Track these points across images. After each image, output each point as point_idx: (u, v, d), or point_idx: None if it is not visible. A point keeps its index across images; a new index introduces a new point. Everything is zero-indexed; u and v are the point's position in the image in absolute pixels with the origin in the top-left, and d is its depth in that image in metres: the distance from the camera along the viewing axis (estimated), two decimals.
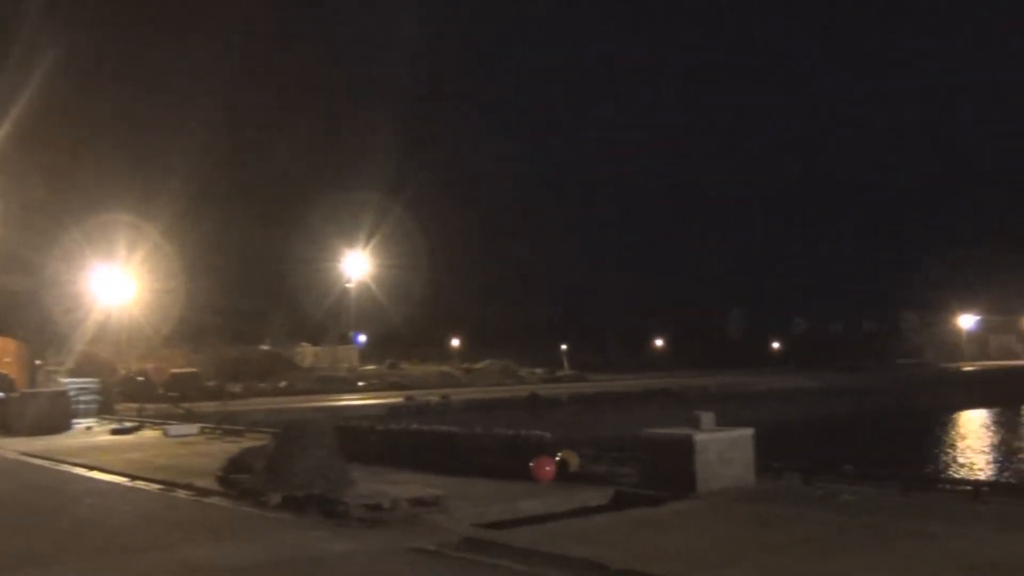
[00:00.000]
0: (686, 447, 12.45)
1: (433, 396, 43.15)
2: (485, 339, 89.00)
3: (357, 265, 68.15)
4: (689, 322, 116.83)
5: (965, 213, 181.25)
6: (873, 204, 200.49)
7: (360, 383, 56.65)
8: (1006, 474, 30.00)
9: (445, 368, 68.51)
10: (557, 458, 14.08)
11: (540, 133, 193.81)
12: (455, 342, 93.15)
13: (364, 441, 17.14)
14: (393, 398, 42.77)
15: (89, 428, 27.80)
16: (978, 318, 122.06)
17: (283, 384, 52.72)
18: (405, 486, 12.80)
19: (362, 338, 77.87)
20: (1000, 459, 34.39)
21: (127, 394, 39.48)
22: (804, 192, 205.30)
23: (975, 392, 63.97)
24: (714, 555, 8.75)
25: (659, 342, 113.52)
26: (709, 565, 8.34)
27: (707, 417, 13.02)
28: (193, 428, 25.02)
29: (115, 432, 25.56)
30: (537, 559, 8.82)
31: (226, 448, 18.79)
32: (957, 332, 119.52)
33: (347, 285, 68.00)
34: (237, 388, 45.50)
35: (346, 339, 72.63)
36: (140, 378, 42.55)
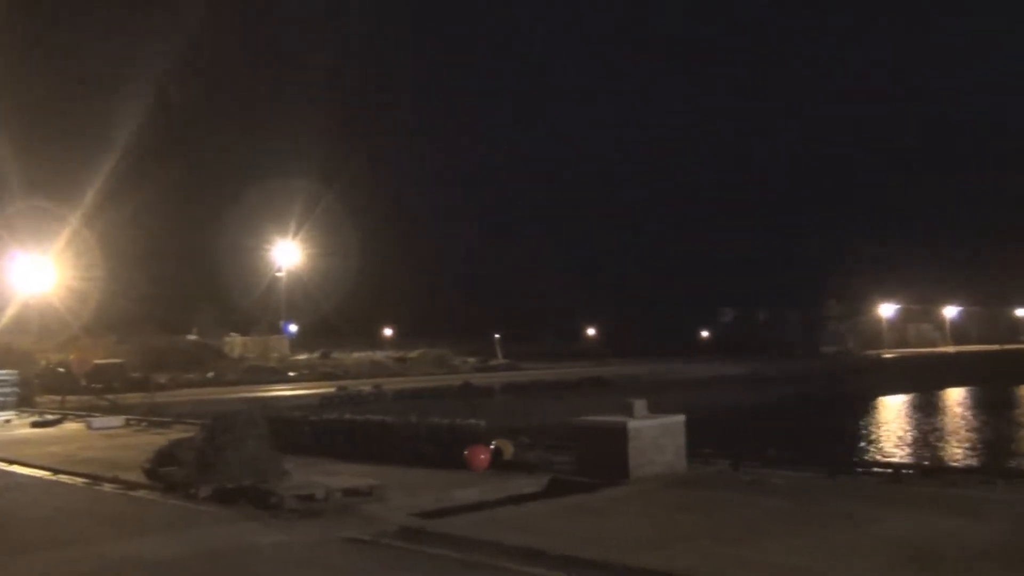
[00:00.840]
0: (620, 434, 12.59)
1: (366, 386, 42.79)
2: (418, 328, 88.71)
3: (288, 254, 67.21)
4: (621, 312, 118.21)
5: (886, 207, 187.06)
6: (799, 197, 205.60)
7: (291, 373, 55.90)
8: (925, 457, 31.09)
9: (378, 357, 68.03)
10: (492, 447, 14.11)
11: (476, 123, 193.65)
12: (388, 331, 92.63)
13: (297, 432, 16.94)
14: (325, 388, 42.28)
15: (8, 421, 26.90)
16: (897, 307, 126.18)
17: (211, 375, 51.70)
18: (339, 476, 12.69)
19: (293, 328, 76.86)
20: (919, 442, 35.62)
21: (48, 386, 38.31)
22: (733, 185, 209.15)
23: (895, 378, 66.14)
24: (648, 539, 8.88)
25: (592, 331, 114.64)
26: (644, 549, 8.45)
27: (640, 404, 13.18)
28: (118, 420, 24.40)
29: (36, 425, 24.79)
30: (473, 547, 8.83)
31: (153, 440, 18.38)
32: (878, 321, 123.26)
33: (277, 274, 67.02)
34: (163, 379, 44.45)
35: (277, 328, 71.58)
36: (61, 369, 41.32)
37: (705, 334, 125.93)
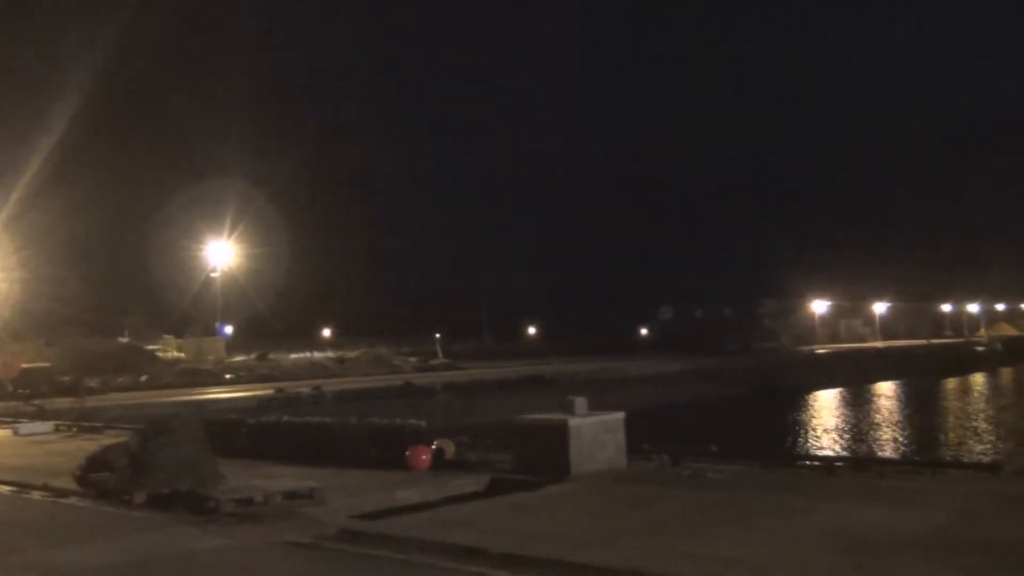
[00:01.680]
0: (560, 432, 12.67)
1: (305, 387, 42.30)
2: (357, 328, 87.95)
3: (222, 254, 66.03)
4: (561, 310, 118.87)
5: (818, 207, 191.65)
6: (734, 197, 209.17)
7: (228, 376, 54.93)
8: (856, 449, 31.91)
9: (317, 358, 67.28)
10: (433, 447, 14.08)
11: (413, 121, 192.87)
12: (326, 332, 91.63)
13: (234, 435, 16.70)
14: (263, 390, 41.65)
15: None
16: (829, 304, 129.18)
17: (144, 378, 50.52)
18: (278, 480, 12.53)
19: (228, 329, 75.50)
20: (851, 435, 36.56)
21: None
22: (671, 184, 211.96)
23: (827, 373, 67.71)
24: (590, 536, 8.95)
25: (532, 330, 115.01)
26: (586, 545, 8.53)
27: (580, 402, 13.28)
28: (47, 426, 23.71)
29: None
30: (415, 547, 8.81)
31: (83, 446, 17.90)
32: (810, 317, 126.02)
33: (212, 274, 65.79)
34: (94, 383, 43.29)
35: (212, 330, 70.28)
36: None
37: (644, 332, 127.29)
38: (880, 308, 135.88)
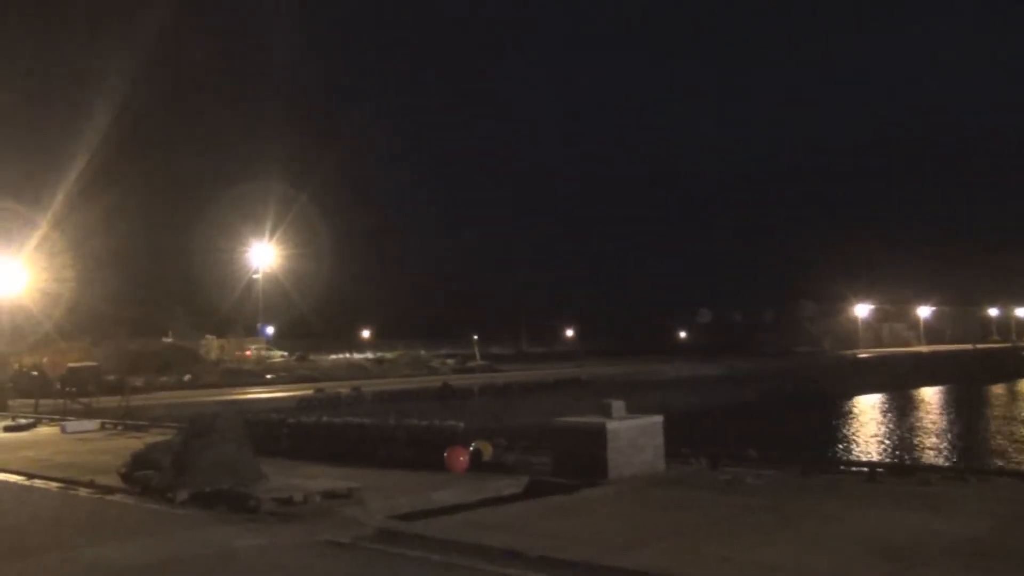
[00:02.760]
0: (598, 435, 12.65)
1: (344, 388, 42.60)
2: (395, 330, 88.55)
3: (264, 255, 66.83)
4: (599, 313, 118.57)
5: (861, 208, 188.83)
6: (775, 199, 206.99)
7: (268, 376, 55.52)
8: (899, 455, 31.43)
9: (356, 359, 67.73)
10: (471, 448, 14.12)
11: (455, 125, 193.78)
12: (365, 333, 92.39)
13: (274, 435, 16.87)
14: (303, 390, 42.05)
15: None
16: (872, 307, 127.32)
17: (187, 377, 51.24)
18: (317, 479, 12.65)
19: (270, 330, 76.43)
20: (893, 441, 36.00)
21: (21, 389, 37.80)
22: (711, 185, 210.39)
23: (869, 377, 66.76)
24: (626, 539, 8.93)
25: (570, 332, 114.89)
26: (621, 548, 8.51)
27: (618, 405, 13.25)
28: (93, 424, 24.14)
29: (9, 429, 24.47)
30: (453, 549, 8.85)
31: (128, 444, 18.23)
32: (852, 321, 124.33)
33: (254, 276, 66.61)
34: (139, 382, 44.01)
35: (253, 331, 71.14)
36: (34, 372, 40.71)
37: (683, 335, 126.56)
38: (924, 312, 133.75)
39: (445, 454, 13.86)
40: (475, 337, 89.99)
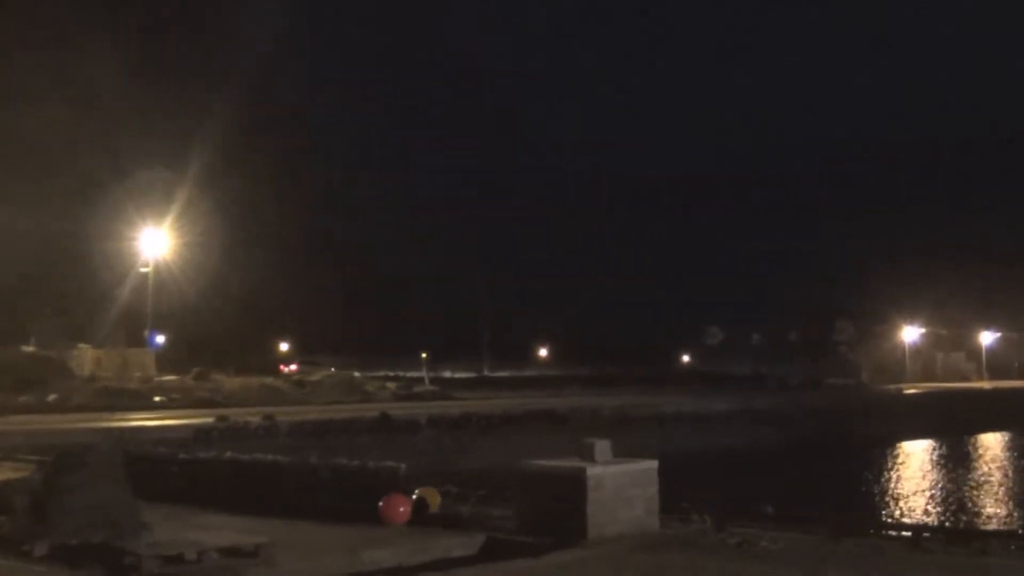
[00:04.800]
0: (576, 483, 12.66)
1: (254, 416, 42.38)
2: (322, 344, 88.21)
3: (156, 246, 66.24)
4: (581, 330, 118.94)
5: (913, 214, 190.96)
6: (807, 198, 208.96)
7: (158, 398, 55.11)
8: (952, 517, 31.80)
9: (271, 380, 67.41)
10: (413, 496, 14.09)
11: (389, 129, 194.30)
12: (284, 347, 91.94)
13: (163, 474, 16.74)
14: (202, 418, 41.74)
15: None
16: (923, 331, 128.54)
17: (53, 397, 50.71)
18: (216, 532, 12.56)
19: (161, 339, 75.79)
20: (946, 499, 36.44)
21: None
22: (724, 180, 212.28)
23: (917, 419, 67.51)
24: None
25: (543, 352, 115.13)
26: None
27: (602, 446, 13.27)
28: None
29: None
30: None
31: None
32: (899, 348, 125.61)
33: (142, 270, 66.00)
34: None
35: (140, 340, 70.49)
36: None
37: (686, 359, 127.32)
38: (987, 339, 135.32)
39: (381, 503, 13.81)
40: (424, 356, 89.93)
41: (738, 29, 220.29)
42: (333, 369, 68.47)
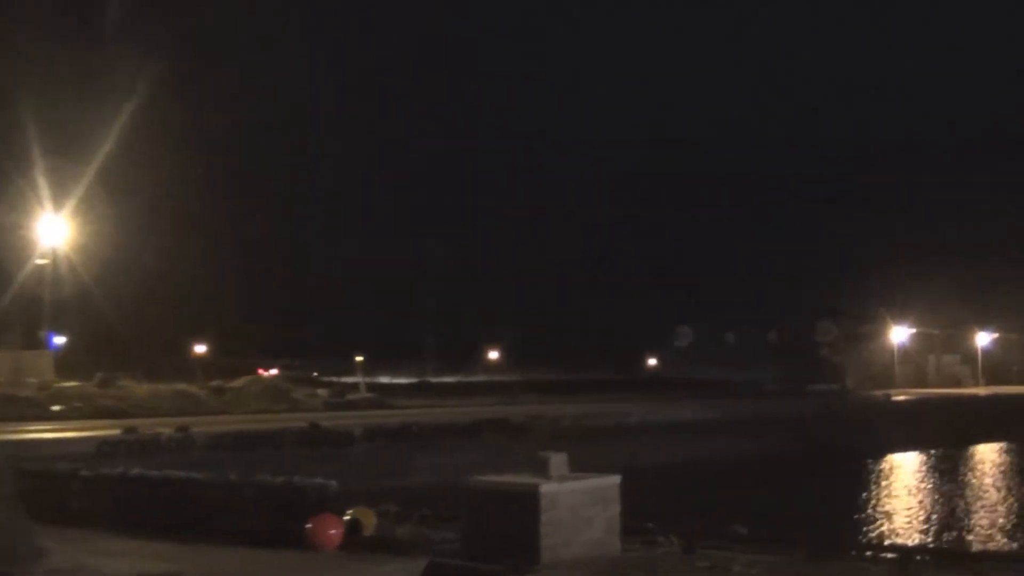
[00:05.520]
0: (528, 501, 12.69)
1: (166, 427, 42.07)
2: (243, 347, 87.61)
3: (54, 235, 65.42)
4: (537, 330, 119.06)
5: (904, 202, 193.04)
6: (788, 185, 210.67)
7: (56, 407, 54.48)
8: (942, 538, 32.22)
9: (184, 387, 66.85)
10: (346, 517, 14.08)
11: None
12: (200, 348, 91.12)
13: (62, 493, 16.63)
14: (106, 429, 41.38)
15: None
16: (913, 331, 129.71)
17: None
18: (122, 558, 12.50)
19: (60, 340, 74.89)
20: (937, 518, 36.91)
21: None
22: (695, 160, 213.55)
23: (907, 428, 68.30)
24: None
25: (494, 355, 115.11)
26: None
27: (558, 460, 13.31)
28: None
29: None
30: None
31: None
32: (887, 350, 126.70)
33: (39, 262, 65.17)
34: None
35: (36, 341, 69.62)
36: None
37: (653, 362, 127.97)
38: (984, 340, 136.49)
39: (309, 525, 13.78)
40: (359, 360, 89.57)
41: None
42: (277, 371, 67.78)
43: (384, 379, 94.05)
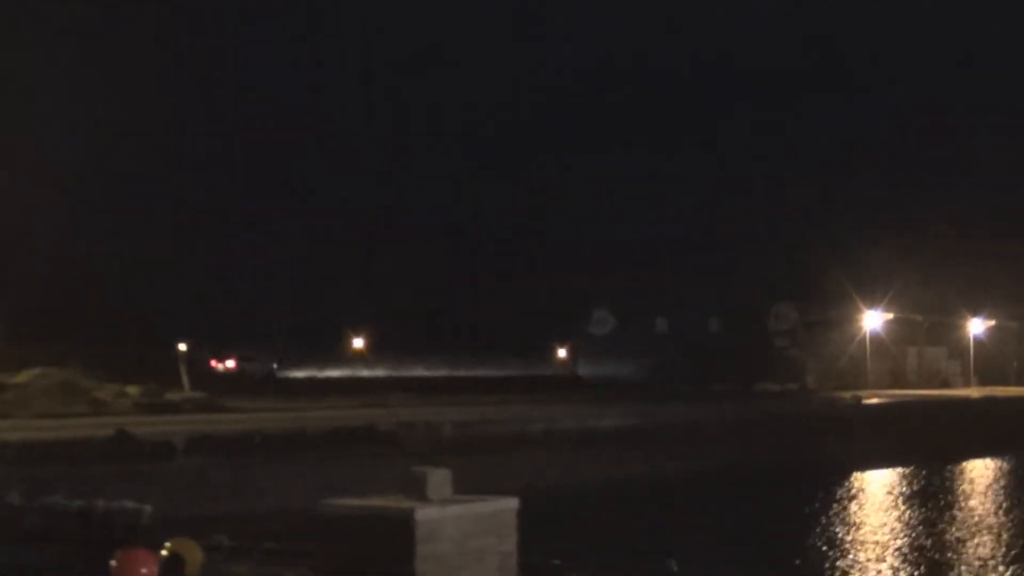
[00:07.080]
0: (401, 531, 12.71)
1: None
2: (36, 331, 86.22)
3: None
4: (412, 314, 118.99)
5: (888, 165, 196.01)
6: (736, 146, 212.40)
7: None
8: (917, 573, 32.97)
9: None
10: (163, 552, 13.98)
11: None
12: None
13: None
14: None
15: None
16: (889, 317, 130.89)
17: None
18: None
19: None
20: (911, 549, 37.67)
21: None
22: (626, 114, 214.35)
23: (880, 439, 69.56)
24: None
25: (358, 343, 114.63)
26: None
27: (439, 478, 13.35)
28: None
29: None
30: None
31: None
32: (858, 341, 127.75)
33: None
34: None
35: None
36: None
37: (562, 353, 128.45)
38: (976, 328, 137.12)
39: (113, 562, 13.66)
40: (182, 348, 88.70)
41: None
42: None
43: (216, 371, 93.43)
